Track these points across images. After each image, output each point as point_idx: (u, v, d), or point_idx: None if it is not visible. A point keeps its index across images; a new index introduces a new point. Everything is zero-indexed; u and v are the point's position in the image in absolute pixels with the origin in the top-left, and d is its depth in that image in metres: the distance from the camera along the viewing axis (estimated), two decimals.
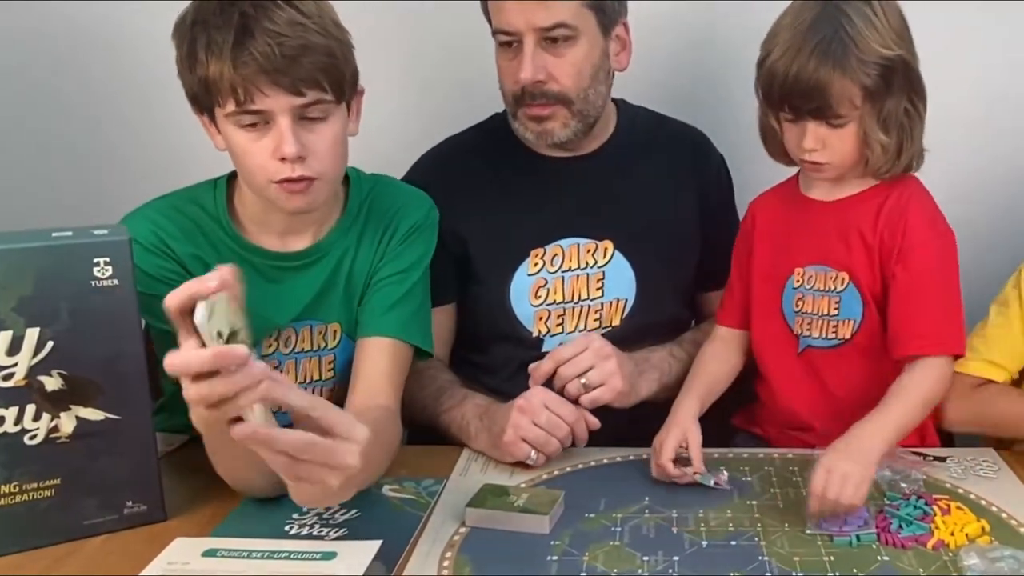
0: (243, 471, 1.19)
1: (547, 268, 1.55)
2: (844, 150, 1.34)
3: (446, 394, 1.48)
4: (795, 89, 1.29)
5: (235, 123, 1.23)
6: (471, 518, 1.20)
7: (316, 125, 1.25)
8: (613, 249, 1.56)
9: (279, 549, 1.12)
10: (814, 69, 1.27)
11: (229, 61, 1.18)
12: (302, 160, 1.23)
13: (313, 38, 1.21)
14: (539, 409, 1.34)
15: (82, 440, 1.16)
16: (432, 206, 1.48)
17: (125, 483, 1.20)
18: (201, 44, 1.20)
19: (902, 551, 1.13)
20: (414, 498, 1.28)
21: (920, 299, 1.35)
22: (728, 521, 1.21)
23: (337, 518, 1.22)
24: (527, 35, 1.43)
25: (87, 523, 1.18)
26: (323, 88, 1.23)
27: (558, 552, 1.14)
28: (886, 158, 1.34)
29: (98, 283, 1.14)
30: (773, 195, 1.52)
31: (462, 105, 1.72)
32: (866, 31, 1.28)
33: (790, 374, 1.46)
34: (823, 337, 1.42)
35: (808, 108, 1.31)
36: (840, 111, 1.30)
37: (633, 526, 1.20)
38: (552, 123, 1.49)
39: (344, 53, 1.27)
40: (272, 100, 1.20)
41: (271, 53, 1.18)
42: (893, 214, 1.36)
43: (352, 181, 1.42)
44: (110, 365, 1.16)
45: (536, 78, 1.44)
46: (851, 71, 1.28)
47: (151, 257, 1.28)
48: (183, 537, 1.15)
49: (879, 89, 1.30)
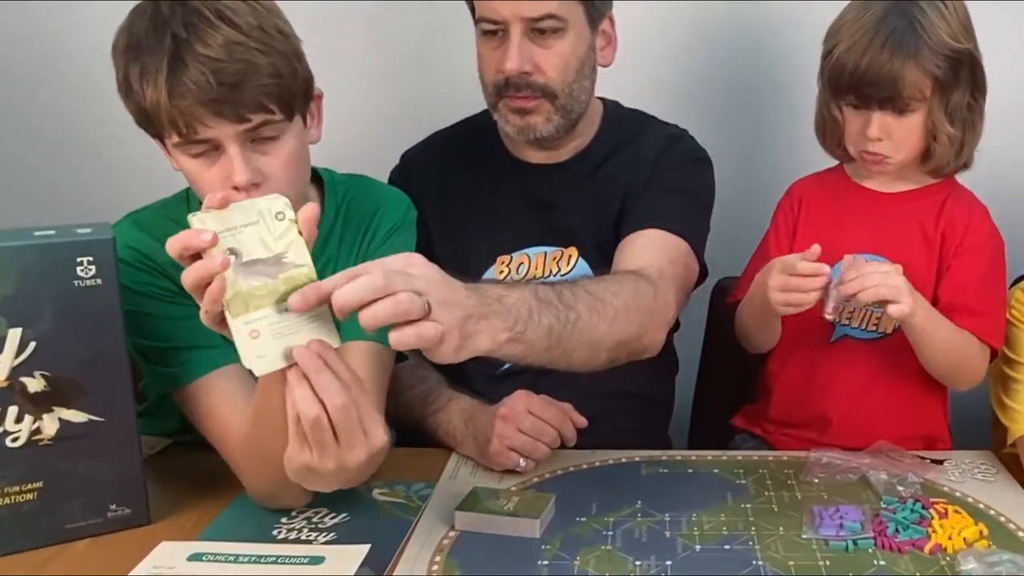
0: None
1: (512, 276, 1.53)
2: (909, 142, 1.39)
3: (432, 395, 1.46)
4: (866, 77, 1.34)
5: (182, 151, 1.17)
6: (461, 522, 1.19)
7: (268, 146, 1.18)
8: (577, 256, 1.53)
9: (266, 553, 1.12)
10: (888, 59, 1.33)
11: (164, 92, 1.11)
12: (257, 186, 1.16)
13: (254, 58, 1.13)
14: (523, 415, 1.32)
15: (65, 442, 1.15)
16: (410, 205, 1.45)
17: (109, 486, 1.18)
18: (134, 73, 1.13)
19: (899, 555, 1.12)
20: (403, 502, 1.26)
21: (971, 287, 1.40)
22: (722, 525, 1.20)
23: (326, 522, 1.20)
24: (514, 24, 1.41)
25: (70, 527, 1.17)
26: (269, 110, 1.16)
27: (549, 556, 1.13)
28: (951, 151, 1.39)
29: (81, 283, 1.13)
30: (817, 181, 1.53)
31: (433, 102, 1.71)
32: (938, 23, 1.34)
33: (818, 362, 1.47)
34: (862, 328, 1.44)
35: (878, 96, 1.35)
36: (909, 100, 1.35)
37: (625, 530, 1.19)
38: (535, 117, 1.46)
39: (291, 66, 1.18)
40: (215, 130, 1.13)
41: (206, 83, 1.10)
42: (957, 209, 1.43)
43: (326, 184, 1.38)
44: (94, 366, 1.15)
45: (522, 69, 1.42)
46: (923, 61, 1.33)
47: (133, 271, 1.23)
48: (168, 541, 1.15)
49: (948, 80, 1.36)
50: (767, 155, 1.94)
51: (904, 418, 1.46)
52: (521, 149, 1.56)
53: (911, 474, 1.29)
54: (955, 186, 1.47)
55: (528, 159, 1.56)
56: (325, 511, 1.22)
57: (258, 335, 0.98)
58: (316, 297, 0.95)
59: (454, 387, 1.49)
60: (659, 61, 1.91)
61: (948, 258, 1.42)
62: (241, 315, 0.97)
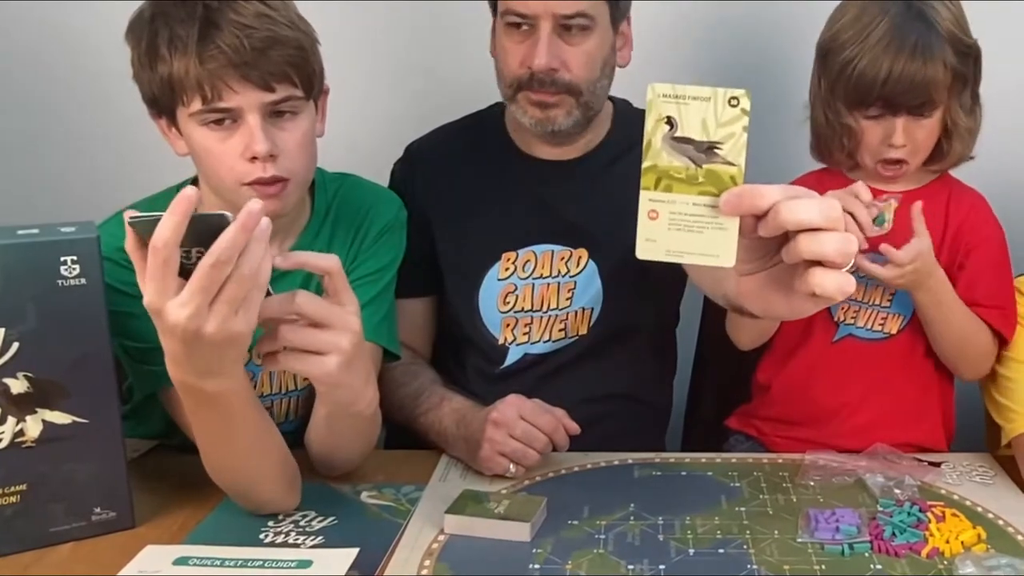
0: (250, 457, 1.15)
1: (518, 274, 1.52)
2: (928, 143, 1.39)
3: (424, 394, 1.44)
4: (898, 87, 1.33)
5: (200, 122, 1.19)
6: (450, 525, 1.18)
7: (286, 122, 1.22)
8: (587, 259, 1.52)
9: (253, 557, 1.10)
10: (920, 66, 1.33)
11: (195, 56, 1.14)
12: (273, 159, 1.19)
13: (282, 30, 1.18)
14: (514, 421, 1.30)
15: (49, 445, 1.13)
16: (401, 206, 1.45)
17: (93, 489, 1.17)
18: (163, 39, 1.16)
19: (895, 559, 1.11)
20: (392, 504, 1.25)
21: (982, 283, 1.41)
22: (716, 528, 1.19)
23: (313, 525, 1.19)
24: (544, 20, 1.40)
25: (54, 530, 1.15)
26: (293, 83, 1.20)
27: (540, 560, 1.12)
28: (969, 143, 1.40)
29: (65, 282, 1.11)
30: (816, 180, 1.50)
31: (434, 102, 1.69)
32: (950, 20, 1.36)
33: (821, 361, 1.47)
34: (868, 328, 1.44)
35: (910, 104, 1.35)
36: (936, 99, 1.35)
37: (618, 533, 1.18)
38: (556, 111, 1.45)
39: (313, 47, 1.24)
40: (241, 96, 1.17)
41: (240, 46, 1.14)
42: (961, 208, 1.43)
43: (317, 183, 1.38)
44: (77, 367, 1.13)
45: (551, 66, 1.41)
46: (947, 59, 1.34)
47: (118, 270, 1.21)
48: (153, 545, 1.13)
49: (963, 75, 1.37)
50: (766, 154, 1.93)
51: (902, 425, 1.44)
52: (530, 144, 1.54)
53: (908, 476, 1.29)
54: (953, 182, 1.46)
55: (537, 155, 1.54)
56: (313, 514, 1.21)
57: (656, 217, 0.89)
58: (752, 204, 0.84)
59: (447, 387, 1.48)
60: (661, 60, 1.90)
61: (958, 257, 1.42)
62: (649, 189, 0.88)
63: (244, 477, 1.17)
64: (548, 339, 1.52)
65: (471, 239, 1.53)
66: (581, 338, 1.53)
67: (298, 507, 1.22)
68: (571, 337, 1.52)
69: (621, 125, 1.57)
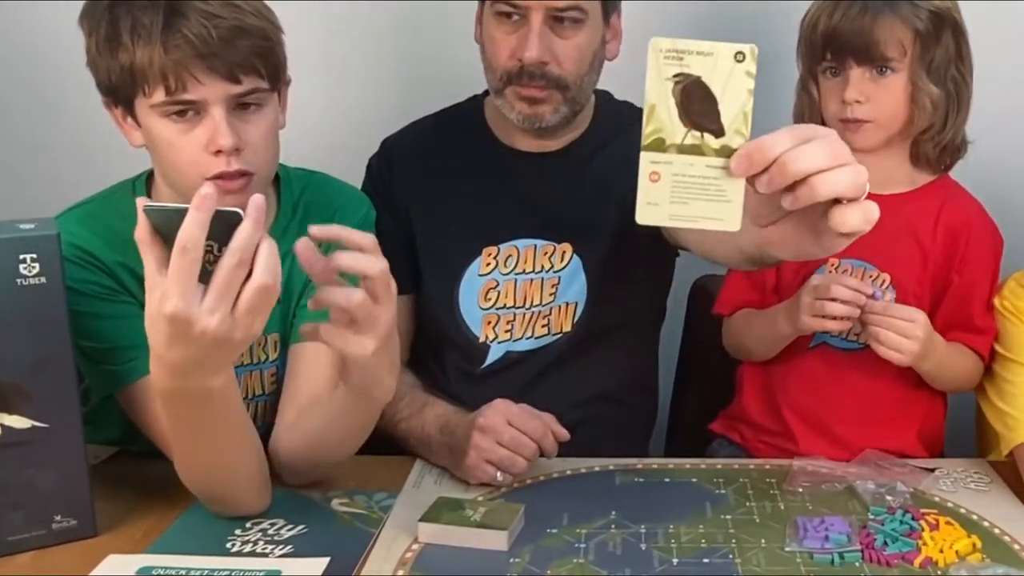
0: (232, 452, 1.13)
1: (499, 269, 1.49)
2: (889, 105, 1.36)
3: (404, 400, 1.42)
4: (839, 28, 1.34)
5: (162, 113, 1.16)
6: (425, 534, 1.15)
7: (251, 115, 1.19)
8: (572, 253, 1.49)
9: (220, 567, 1.09)
10: (859, 11, 1.33)
11: (160, 44, 1.11)
12: (238, 152, 1.17)
13: (248, 19, 1.15)
14: (502, 427, 1.27)
15: (7, 450, 1.11)
16: (370, 206, 1.43)
17: (54, 496, 1.14)
18: (125, 26, 1.13)
19: (887, 569, 1.10)
20: (364, 512, 1.23)
21: (974, 302, 1.39)
22: (700, 537, 1.16)
23: (282, 534, 1.17)
24: (535, 12, 1.38)
25: (12, 539, 1.13)
26: (260, 75, 1.17)
27: (518, 570, 1.10)
28: (934, 116, 1.36)
29: (24, 281, 1.08)
30: None
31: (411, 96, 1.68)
32: None
33: (793, 369, 1.45)
34: (842, 337, 1.42)
35: (853, 47, 1.34)
36: (888, 53, 1.34)
37: (599, 542, 1.16)
38: (544, 107, 1.43)
39: (278, 37, 1.21)
40: (207, 88, 1.14)
41: (206, 35, 1.11)
42: (956, 216, 1.40)
43: (282, 180, 1.36)
44: (38, 369, 1.10)
45: (542, 59, 1.39)
46: (902, 12, 1.33)
47: (76, 269, 1.20)
48: (116, 554, 1.12)
49: (928, 35, 1.34)
50: None
51: (879, 434, 1.42)
52: (512, 136, 1.52)
53: (900, 483, 1.26)
54: (951, 186, 1.43)
55: (519, 147, 1.52)
56: (281, 522, 1.19)
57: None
58: (762, 159, 0.83)
59: (429, 391, 1.45)
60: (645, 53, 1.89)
61: (949, 274, 1.39)
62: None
63: (222, 476, 1.15)
64: (531, 336, 1.49)
65: (450, 234, 1.50)
66: (565, 335, 1.50)
67: (266, 514, 1.19)
68: (555, 334, 1.50)
69: (604, 116, 1.55)
